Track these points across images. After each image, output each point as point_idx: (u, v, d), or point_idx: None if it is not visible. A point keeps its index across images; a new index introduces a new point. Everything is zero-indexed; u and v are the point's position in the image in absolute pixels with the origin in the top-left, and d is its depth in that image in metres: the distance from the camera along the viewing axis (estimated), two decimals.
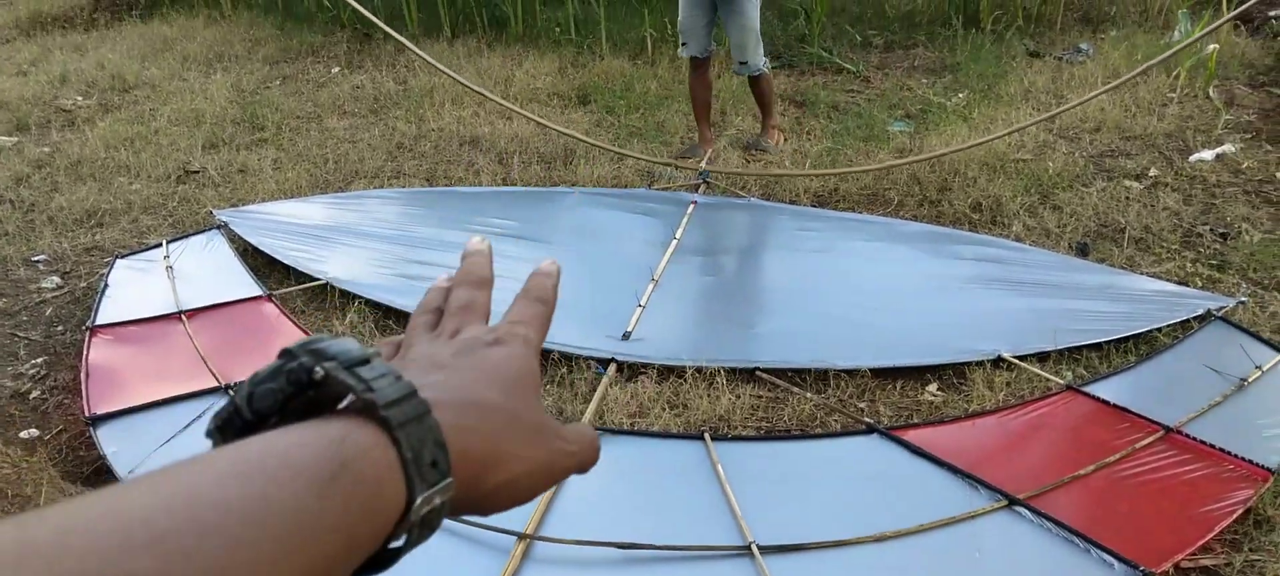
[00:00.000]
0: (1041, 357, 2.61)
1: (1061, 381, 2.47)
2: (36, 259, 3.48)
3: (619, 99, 4.90)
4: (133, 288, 3.13)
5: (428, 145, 4.43)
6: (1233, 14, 3.87)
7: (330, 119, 4.83)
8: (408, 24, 6.39)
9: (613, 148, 4.15)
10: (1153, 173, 3.75)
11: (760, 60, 4.02)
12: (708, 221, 3.53)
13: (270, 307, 2.95)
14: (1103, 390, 2.40)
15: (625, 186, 3.87)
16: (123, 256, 3.34)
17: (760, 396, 2.55)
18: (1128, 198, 3.55)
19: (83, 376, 2.61)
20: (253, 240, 3.37)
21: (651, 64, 5.45)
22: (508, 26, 6.13)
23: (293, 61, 5.94)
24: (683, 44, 4.08)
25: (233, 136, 4.63)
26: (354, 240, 3.41)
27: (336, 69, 5.73)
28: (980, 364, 2.58)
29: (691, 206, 3.58)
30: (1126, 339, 2.66)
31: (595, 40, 5.75)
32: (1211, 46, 4.52)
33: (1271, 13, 5.48)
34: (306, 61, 5.93)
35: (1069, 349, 2.64)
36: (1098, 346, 2.65)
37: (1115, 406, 2.32)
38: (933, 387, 2.57)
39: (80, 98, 5.35)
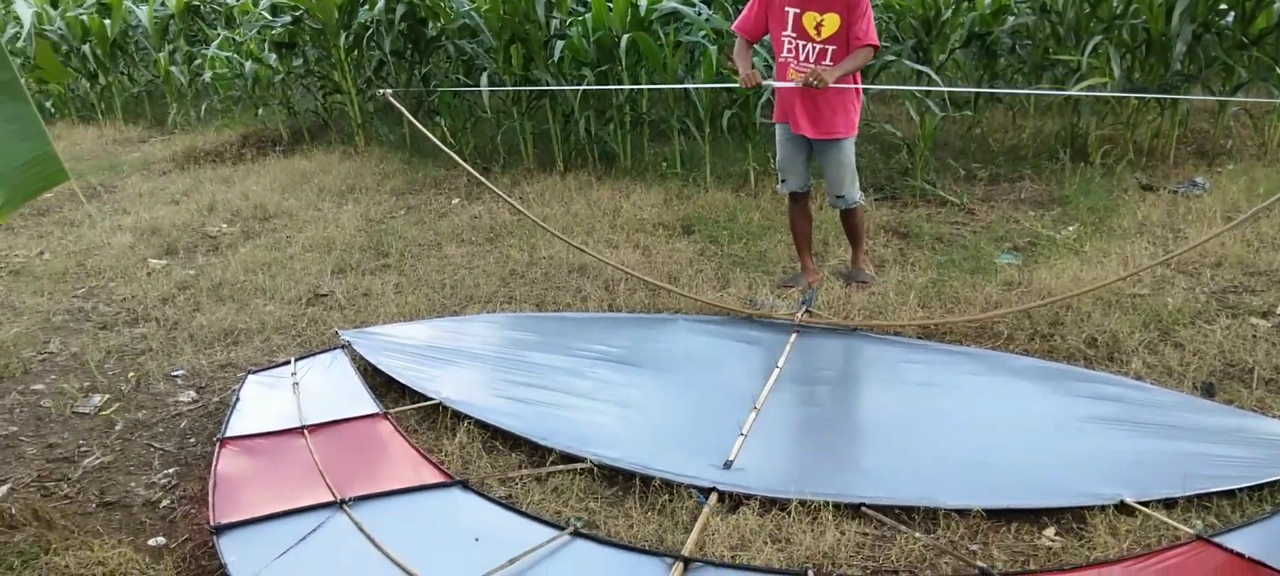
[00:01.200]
0: (1168, 504, 2.48)
1: (1191, 530, 2.34)
2: (175, 374, 3.75)
3: (722, 229, 5.01)
4: (261, 402, 3.32)
5: (539, 272, 4.61)
6: None
7: (449, 247, 5.10)
8: (524, 158, 6.75)
9: (667, 286, 4.23)
10: None
11: (856, 194, 4.09)
12: (810, 351, 3.53)
13: (386, 425, 3.08)
14: (1237, 542, 2.25)
15: (728, 314, 3.92)
16: (253, 372, 3.56)
17: (866, 533, 2.50)
18: (1254, 336, 3.39)
19: (211, 486, 2.76)
20: (373, 360, 3.55)
21: (754, 196, 5.57)
22: (617, 161, 6.40)
23: (417, 193, 6.33)
24: (783, 180, 4.18)
25: (359, 262, 4.93)
26: (466, 362, 3.56)
27: (457, 200, 6.07)
28: (1102, 508, 2.47)
29: (794, 336, 3.59)
30: (1260, 487, 2.51)
31: (700, 174, 5.94)
32: None
33: None
34: (430, 193, 6.31)
35: (1197, 495, 2.50)
36: (1229, 493, 2.51)
37: (1252, 560, 2.17)
38: (1050, 532, 2.46)
39: (225, 225, 5.81)
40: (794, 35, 3.82)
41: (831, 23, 3.73)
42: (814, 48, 3.79)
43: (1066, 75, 5.89)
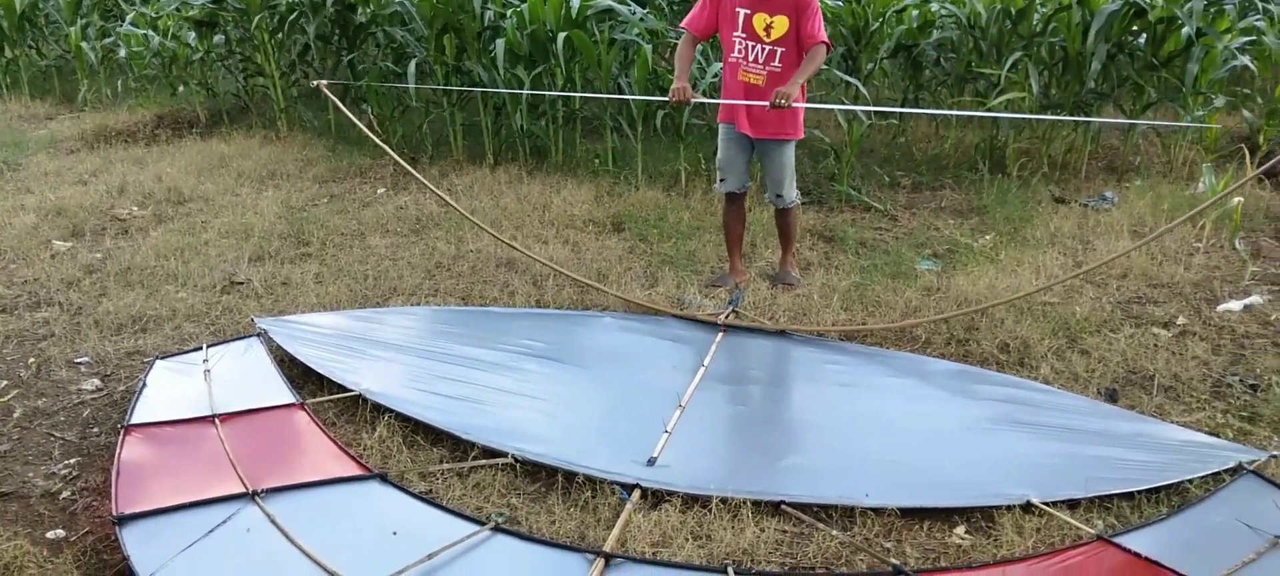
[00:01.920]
0: (1071, 504, 2.58)
1: (1092, 531, 2.43)
2: (79, 360, 3.58)
3: (652, 228, 5.03)
4: (170, 388, 3.20)
5: (465, 266, 4.55)
6: (1257, 172, 3.95)
7: (373, 237, 5.00)
8: (454, 150, 6.66)
9: (588, 281, 4.24)
10: (1181, 321, 3.75)
11: (794, 195, 4.15)
12: (735, 351, 3.57)
13: (302, 416, 3.00)
14: (1135, 542, 2.35)
15: (656, 312, 3.93)
16: (162, 358, 3.43)
17: (785, 531, 2.53)
18: (1156, 345, 3.55)
19: (114, 475, 2.65)
20: (290, 349, 3.45)
21: (685, 195, 5.60)
22: (548, 156, 6.36)
23: (341, 181, 6.18)
24: (721, 179, 4.20)
25: (279, 250, 4.79)
26: (388, 354, 3.49)
27: (382, 189, 5.95)
28: (1009, 508, 2.55)
29: (720, 335, 3.63)
30: (1158, 489, 2.63)
31: (631, 172, 5.95)
32: (1236, 199, 4.58)
33: None
34: (355, 182, 6.17)
35: (1099, 497, 2.60)
36: (1129, 496, 2.62)
37: (1148, 560, 2.27)
38: (960, 530, 2.54)
39: (136, 208, 5.58)
40: (744, 36, 3.83)
41: (781, 25, 3.76)
42: (763, 49, 3.81)
43: (988, 89, 6.08)
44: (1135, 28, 5.80)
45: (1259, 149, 5.68)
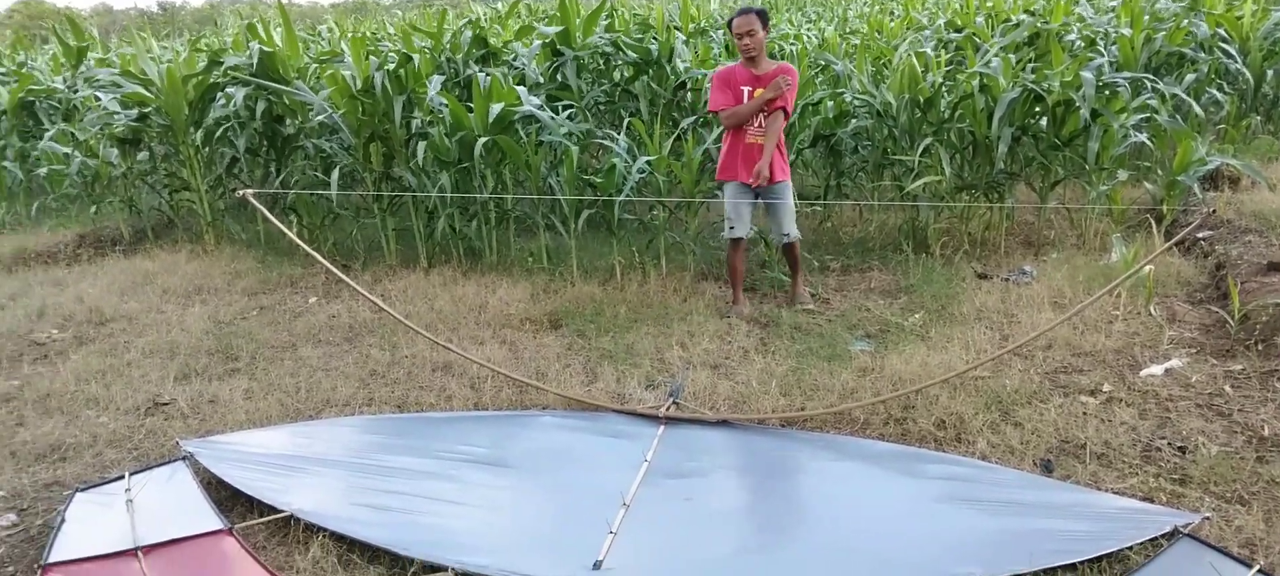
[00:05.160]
0: None
1: None
2: None
3: (589, 323, 5.03)
4: (91, 523, 3.05)
5: (401, 372, 4.48)
6: (1167, 245, 4.16)
7: (305, 348, 4.89)
8: (386, 255, 6.62)
9: (525, 379, 4.22)
10: (1106, 388, 3.87)
11: (796, 230, 5.09)
12: (678, 444, 3.55)
13: (231, 542, 2.88)
14: None
15: (596, 408, 3.91)
16: (82, 490, 3.27)
17: None
18: (1085, 413, 3.64)
19: None
20: (217, 471, 3.32)
21: (621, 288, 5.63)
22: (482, 257, 6.36)
23: (271, 292, 6.07)
24: (731, 227, 4.99)
25: (206, 367, 4.66)
26: (321, 470, 3.38)
27: (314, 299, 5.86)
28: None
29: (661, 428, 3.61)
30: (1100, 559, 2.66)
31: (566, 268, 5.98)
32: (1148, 267, 4.79)
33: (1200, 235, 5.86)
34: (285, 292, 6.06)
35: (1043, 571, 2.62)
36: (1072, 567, 2.64)
37: None
38: None
39: (56, 331, 5.39)
40: None
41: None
42: (763, 115, 4.83)
43: (904, 173, 6.31)
44: (1036, 111, 6.11)
45: (1163, 218, 5.98)
